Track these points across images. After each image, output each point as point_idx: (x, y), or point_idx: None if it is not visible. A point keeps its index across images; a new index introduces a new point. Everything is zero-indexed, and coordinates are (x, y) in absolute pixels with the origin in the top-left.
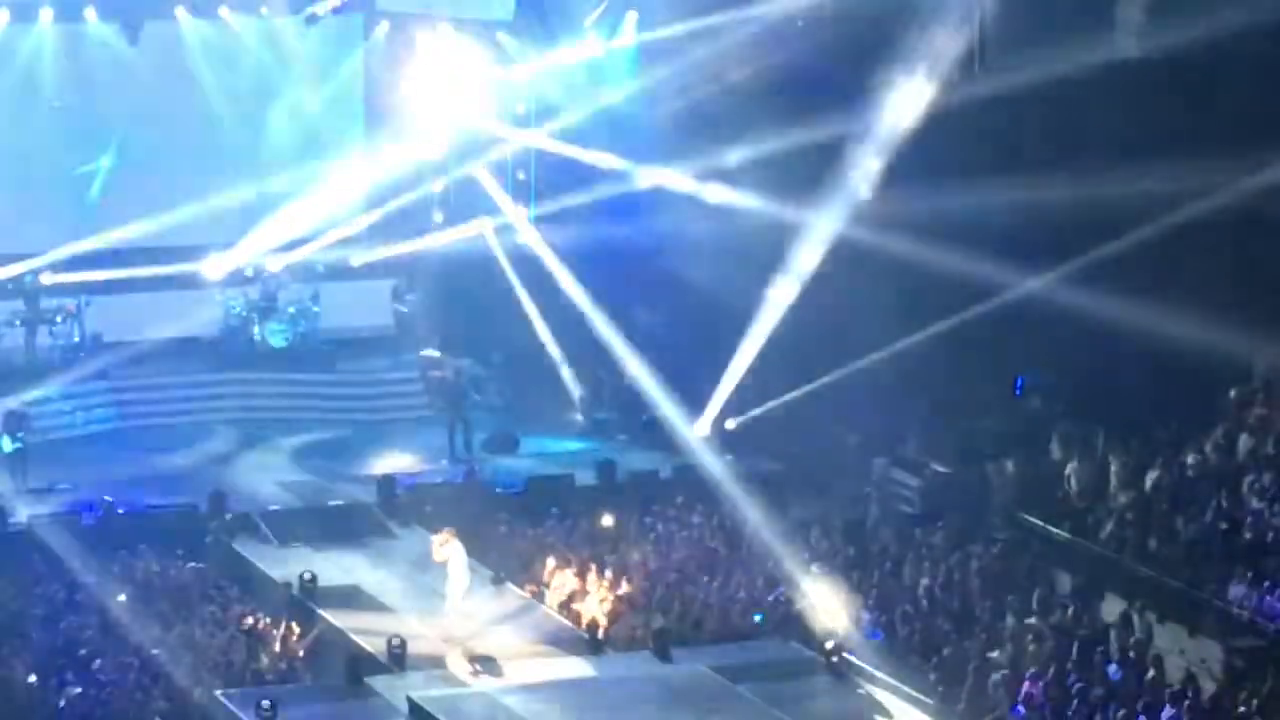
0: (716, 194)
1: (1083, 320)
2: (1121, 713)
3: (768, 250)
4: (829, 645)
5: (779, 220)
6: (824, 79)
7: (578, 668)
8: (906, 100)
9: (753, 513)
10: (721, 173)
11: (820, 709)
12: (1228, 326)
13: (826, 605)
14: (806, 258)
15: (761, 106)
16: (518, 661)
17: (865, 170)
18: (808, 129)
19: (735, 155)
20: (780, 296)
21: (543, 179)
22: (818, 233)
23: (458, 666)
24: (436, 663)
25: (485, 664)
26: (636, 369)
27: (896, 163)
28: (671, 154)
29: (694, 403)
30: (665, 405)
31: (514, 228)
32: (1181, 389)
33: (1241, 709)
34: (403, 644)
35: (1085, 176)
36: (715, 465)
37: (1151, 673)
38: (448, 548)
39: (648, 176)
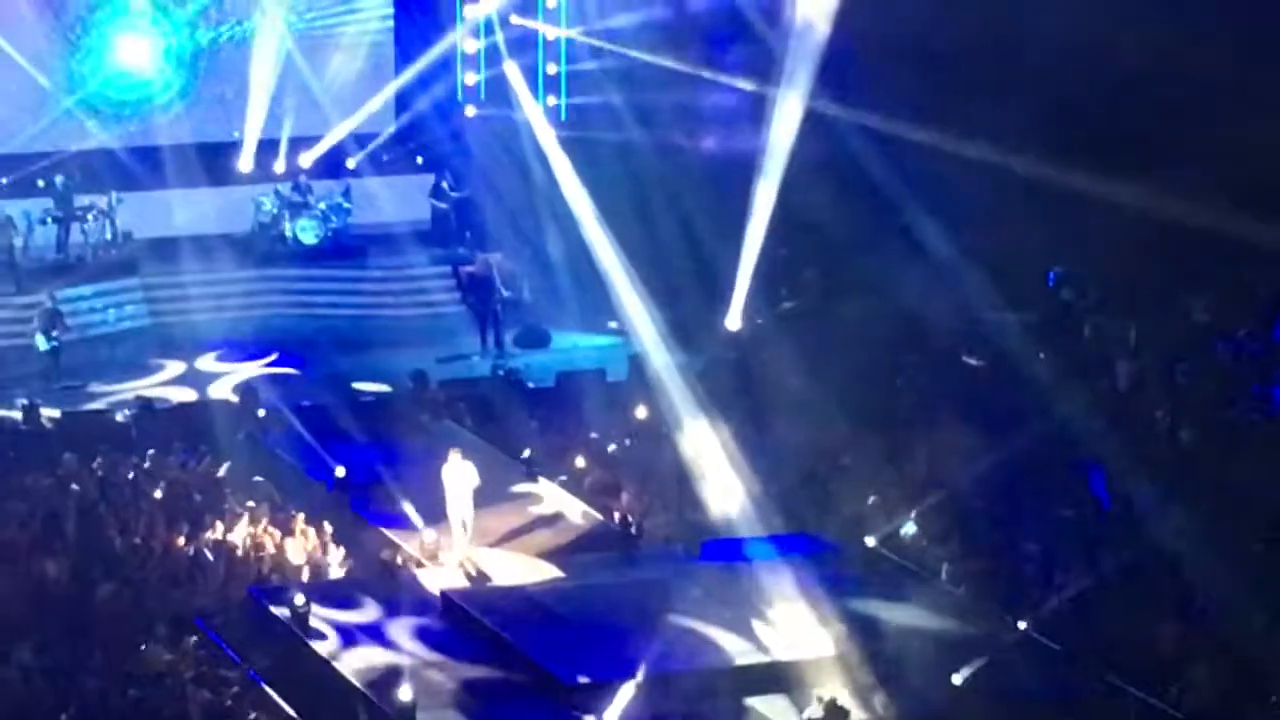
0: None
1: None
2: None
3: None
4: (862, 537)
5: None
6: None
7: (610, 563)
8: None
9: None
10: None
11: (854, 601)
12: None
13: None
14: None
15: None
16: (551, 557)
17: None
18: None
19: None
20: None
21: (573, 76)
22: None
23: (491, 562)
24: (470, 559)
25: (518, 559)
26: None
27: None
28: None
29: (722, 296)
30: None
31: (537, 123)
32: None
33: None
34: (436, 541)
35: None
36: (746, 358)
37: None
38: (450, 468)
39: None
